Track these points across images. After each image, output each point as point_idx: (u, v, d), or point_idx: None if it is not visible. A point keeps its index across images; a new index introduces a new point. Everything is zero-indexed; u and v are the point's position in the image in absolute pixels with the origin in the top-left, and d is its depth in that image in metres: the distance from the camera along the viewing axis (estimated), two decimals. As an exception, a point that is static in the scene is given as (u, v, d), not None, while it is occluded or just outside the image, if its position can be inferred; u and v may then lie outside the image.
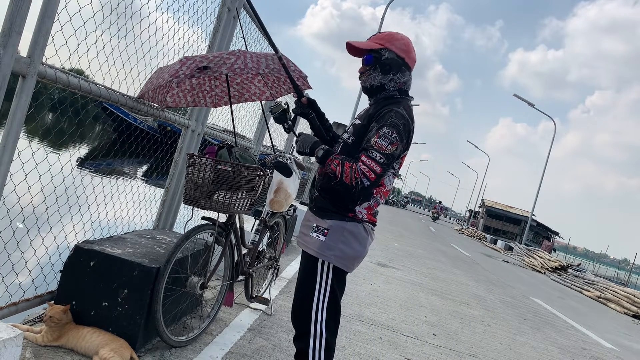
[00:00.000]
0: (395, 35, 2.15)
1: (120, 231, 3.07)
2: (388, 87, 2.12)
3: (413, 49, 2.16)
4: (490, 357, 4.43)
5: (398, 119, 1.97)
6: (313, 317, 2.08)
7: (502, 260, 18.68)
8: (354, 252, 2.08)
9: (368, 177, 1.94)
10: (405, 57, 2.11)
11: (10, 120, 1.91)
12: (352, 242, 2.07)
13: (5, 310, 2.23)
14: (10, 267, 2.26)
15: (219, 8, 3.44)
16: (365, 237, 2.11)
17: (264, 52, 2.82)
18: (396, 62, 2.11)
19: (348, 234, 2.06)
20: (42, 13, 1.91)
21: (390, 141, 1.95)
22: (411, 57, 2.14)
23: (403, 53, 2.11)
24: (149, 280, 2.41)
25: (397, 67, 2.11)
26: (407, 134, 2.02)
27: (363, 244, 2.11)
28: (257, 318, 3.57)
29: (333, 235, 2.06)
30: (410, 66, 2.14)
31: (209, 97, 3.19)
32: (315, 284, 2.09)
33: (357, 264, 2.17)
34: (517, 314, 7.05)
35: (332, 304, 2.11)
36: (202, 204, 2.66)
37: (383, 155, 1.94)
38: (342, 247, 2.06)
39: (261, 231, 3.44)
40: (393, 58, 2.11)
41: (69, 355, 2.26)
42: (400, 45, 2.12)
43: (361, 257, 2.14)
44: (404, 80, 2.13)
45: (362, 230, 2.10)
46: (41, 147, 8.04)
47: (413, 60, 2.15)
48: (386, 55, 2.11)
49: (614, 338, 7.65)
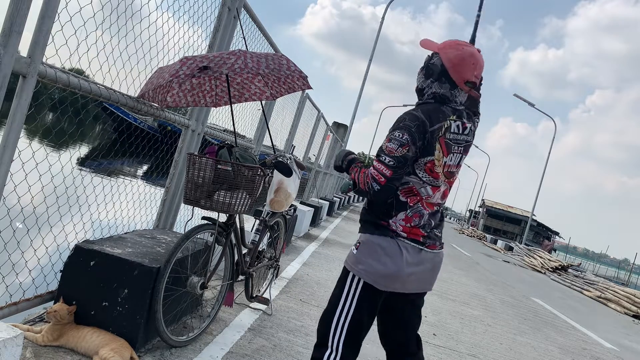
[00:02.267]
0: (456, 45, 2.01)
1: (121, 231, 3.07)
2: (425, 92, 2.04)
3: (468, 65, 1.97)
4: (491, 357, 4.43)
5: (412, 121, 1.90)
6: (332, 330, 1.99)
7: (502, 260, 18.68)
8: (385, 268, 1.93)
9: (378, 181, 1.88)
10: (449, 67, 1.97)
11: (11, 120, 1.91)
12: (382, 258, 1.94)
13: (5, 310, 2.22)
14: (10, 267, 2.26)
15: (219, 8, 3.43)
16: (399, 254, 1.93)
17: (264, 52, 2.82)
18: (437, 70, 2.00)
19: (379, 248, 1.95)
20: (43, 13, 1.91)
21: (401, 143, 1.87)
22: (457, 71, 1.96)
23: (449, 64, 1.97)
24: (149, 280, 2.41)
25: (436, 75, 2.00)
26: (421, 135, 1.89)
27: (396, 261, 1.93)
28: (257, 318, 3.57)
29: (364, 249, 1.99)
30: (453, 79, 1.97)
31: (209, 97, 3.19)
32: (342, 297, 2.01)
33: (394, 284, 1.97)
34: (517, 314, 7.04)
35: (354, 324, 1.98)
36: (203, 203, 2.66)
37: (393, 158, 1.87)
38: (372, 262, 1.95)
39: (261, 231, 3.44)
40: (436, 65, 2.00)
41: (69, 355, 2.26)
42: (451, 54, 1.98)
43: (395, 276, 1.94)
44: (441, 92, 1.99)
45: (395, 246, 1.94)
46: (41, 147, 8.05)
47: (459, 75, 1.97)
48: (433, 60, 2.02)
49: (614, 338, 7.65)
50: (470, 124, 2.08)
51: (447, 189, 2.07)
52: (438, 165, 1.97)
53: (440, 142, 1.95)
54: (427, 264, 2.03)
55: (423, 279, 2.05)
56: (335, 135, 15.67)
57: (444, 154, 1.97)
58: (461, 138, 2.03)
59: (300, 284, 5.01)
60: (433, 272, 2.09)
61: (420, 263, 2.00)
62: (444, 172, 2.01)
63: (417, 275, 2.01)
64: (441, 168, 1.99)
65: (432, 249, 2.03)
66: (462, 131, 2.03)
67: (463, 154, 2.08)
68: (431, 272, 2.07)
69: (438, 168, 1.97)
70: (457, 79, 1.98)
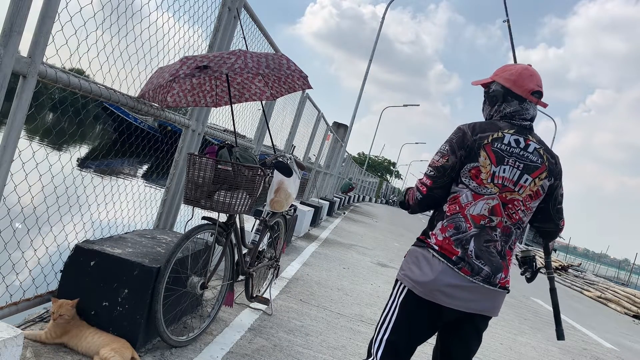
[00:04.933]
0: (506, 67, 2.12)
1: (121, 231, 3.07)
2: (494, 118, 2.09)
3: (527, 77, 2.04)
4: (491, 357, 4.42)
5: (455, 133, 2.00)
6: (374, 337, 2.06)
7: (502, 260, 18.65)
8: (422, 275, 1.94)
9: (421, 191, 2.01)
10: (510, 86, 2.04)
11: (11, 120, 1.91)
12: (423, 265, 1.97)
13: (5, 310, 2.22)
14: (10, 267, 2.26)
15: (220, 8, 3.43)
16: (436, 265, 1.92)
17: (265, 52, 2.82)
18: (500, 93, 2.07)
19: (421, 257, 2.00)
20: (43, 13, 1.91)
21: (442, 154, 1.97)
22: (519, 85, 2.03)
23: (508, 83, 2.05)
24: (150, 280, 2.41)
25: (502, 98, 2.06)
26: (461, 143, 1.95)
27: (435, 270, 1.92)
28: (257, 318, 3.57)
29: (409, 256, 2.08)
30: (519, 94, 2.03)
31: (209, 97, 3.19)
32: (387, 303, 2.09)
33: (432, 293, 1.91)
34: (517, 314, 7.04)
35: (394, 331, 1.99)
36: (203, 203, 2.66)
37: (434, 168, 1.98)
38: (413, 268, 2.01)
39: (261, 231, 3.44)
40: (497, 90, 2.08)
41: (69, 355, 2.26)
42: (506, 75, 2.07)
43: (431, 284, 1.91)
44: (511, 110, 2.04)
45: (432, 257, 1.95)
46: (41, 147, 8.05)
47: (522, 88, 2.03)
48: (493, 88, 2.10)
49: (614, 338, 7.65)
50: (539, 146, 2.01)
51: (498, 205, 1.93)
52: (484, 172, 1.93)
53: (487, 150, 1.93)
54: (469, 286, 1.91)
55: (476, 300, 1.92)
56: (335, 135, 15.67)
57: (492, 163, 1.93)
58: (520, 153, 1.95)
59: (300, 284, 5.01)
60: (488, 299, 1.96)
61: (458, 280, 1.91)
62: (495, 184, 1.93)
63: (467, 292, 1.90)
64: (488, 176, 1.93)
65: (466, 274, 1.89)
66: (520, 146, 1.96)
67: (525, 172, 1.95)
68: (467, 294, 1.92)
69: (484, 175, 1.93)
70: (523, 92, 2.02)
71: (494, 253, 1.93)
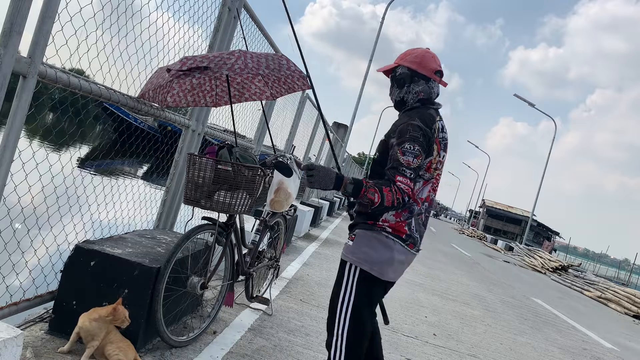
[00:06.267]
0: (409, 52, 2.27)
1: (121, 231, 3.07)
2: (407, 99, 2.23)
3: (429, 58, 2.21)
4: (491, 357, 4.42)
5: (416, 132, 2.05)
6: (336, 320, 2.12)
7: (502, 261, 18.68)
8: (380, 256, 2.08)
9: (409, 195, 2.04)
10: (416, 68, 2.20)
11: (11, 120, 1.91)
12: (378, 247, 2.09)
13: (5, 310, 2.22)
14: (10, 267, 2.26)
15: (219, 8, 3.43)
16: (391, 246, 2.10)
17: (265, 52, 2.82)
18: (407, 75, 2.21)
19: (374, 239, 2.10)
20: (43, 13, 1.91)
21: (415, 155, 2.04)
22: (424, 66, 2.20)
23: (414, 64, 2.20)
24: (150, 280, 2.41)
25: (409, 79, 2.21)
26: (427, 141, 2.07)
27: (390, 250, 2.09)
28: (257, 318, 3.57)
29: (359, 240, 2.13)
30: (425, 75, 2.20)
31: (209, 97, 3.19)
32: (341, 287, 2.13)
33: (390, 271, 2.12)
34: (517, 314, 7.04)
35: (355, 313, 2.10)
36: (203, 204, 2.66)
37: (412, 170, 2.04)
38: (367, 250, 2.09)
39: (261, 231, 3.44)
40: (404, 72, 2.22)
41: (69, 355, 2.26)
42: (412, 58, 2.22)
43: (390, 263, 2.10)
44: (419, 89, 2.20)
45: (385, 238, 2.10)
46: (41, 147, 8.05)
47: (427, 68, 2.20)
48: (399, 71, 2.24)
49: (614, 338, 7.65)
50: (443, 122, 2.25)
51: (433, 184, 2.19)
52: (434, 162, 2.15)
53: (436, 142, 2.13)
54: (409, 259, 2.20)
55: (401, 271, 2.21)
56: (335, 135, 15.67)
57: (438, 152, 2.16)
58: (446, 137, 2.21)
59: (300, 284, 5.01)
60: (405, 267, 2.25)
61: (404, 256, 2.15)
62: (436, 168, 2.18)
63: (405, 265, 2.19)
64: (436, 164, 2.17)
65: (410, 248, 2.16)
66: (445, 130, 2.21)
67: (445, 151, 2.22)
68: (405, 266, 2.23)
69: (434, 165, 2.15)
70: (427, 72, 2.20)
71: (421, 224, 2.21)
